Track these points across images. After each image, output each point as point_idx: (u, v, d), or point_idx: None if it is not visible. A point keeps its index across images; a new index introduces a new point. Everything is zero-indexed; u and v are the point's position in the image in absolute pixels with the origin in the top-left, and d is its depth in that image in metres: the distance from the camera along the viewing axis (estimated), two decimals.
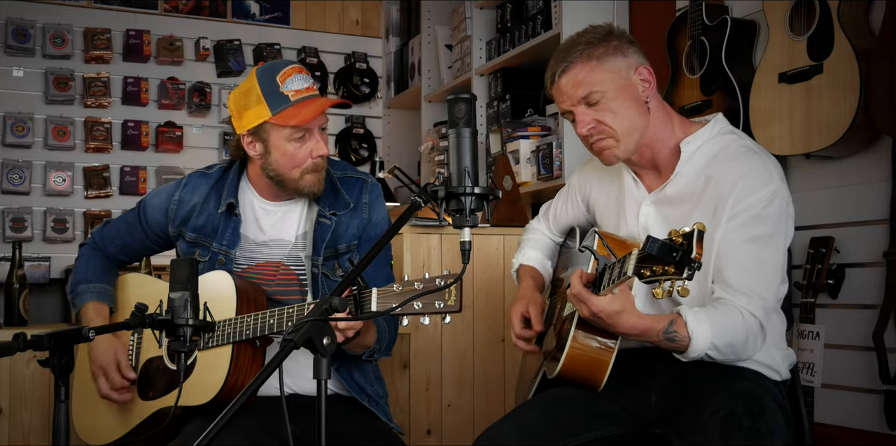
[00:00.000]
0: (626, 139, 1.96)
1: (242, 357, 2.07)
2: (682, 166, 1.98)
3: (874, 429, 2.48)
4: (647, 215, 2.03)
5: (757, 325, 1.85)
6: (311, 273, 2.21)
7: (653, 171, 2.05)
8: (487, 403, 3.09)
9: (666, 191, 2.01)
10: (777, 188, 1.90)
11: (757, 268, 1.88)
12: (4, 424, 2.79)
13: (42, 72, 4.39)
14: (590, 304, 1.79)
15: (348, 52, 5.06)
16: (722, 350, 1.83)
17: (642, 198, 2.05)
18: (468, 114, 1.59)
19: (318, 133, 2.15)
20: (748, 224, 1.88)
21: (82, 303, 2.30)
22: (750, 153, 1.96)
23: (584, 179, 2.27)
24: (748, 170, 1.91)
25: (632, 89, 1.96)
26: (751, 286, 1.86)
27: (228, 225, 2.25)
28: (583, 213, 2.29)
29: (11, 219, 4.26)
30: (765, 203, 1.88)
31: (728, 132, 2.02)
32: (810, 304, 2.55)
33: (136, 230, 2.36)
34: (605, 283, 1.78)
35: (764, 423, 1.79)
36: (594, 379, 1.93)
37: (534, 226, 2.44)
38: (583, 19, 3.45)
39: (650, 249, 1.53)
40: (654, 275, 1.57)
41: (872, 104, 2.35)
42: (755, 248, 1.88)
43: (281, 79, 2.12)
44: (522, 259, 2.36)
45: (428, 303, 1.79)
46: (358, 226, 2.26)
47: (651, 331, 1.81)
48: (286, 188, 2.19)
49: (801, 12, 2.54)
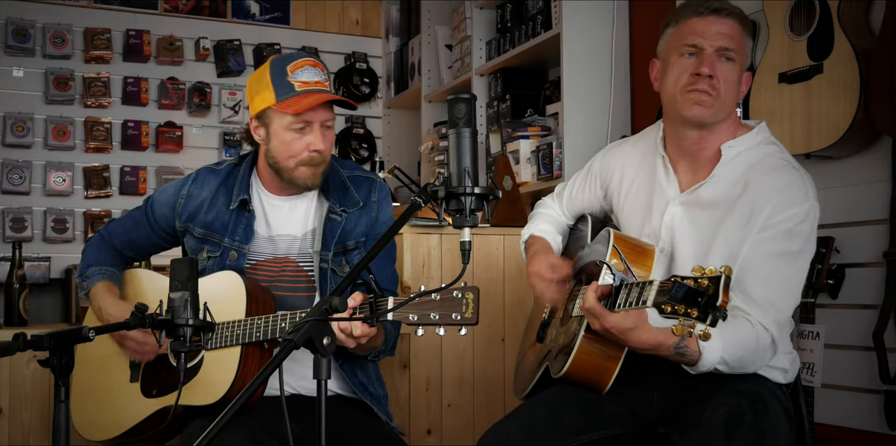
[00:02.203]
0: (722, 108, 1.95)
1: (250, 359, 2.07)
2: (720, 169, 1.96)
3: (874, 429, 2.48)
4: (675, 216, 2.00)
5: (769, 339, 1.85)
6: (319, 268, 2.22)
7: (690, 164, 2.02)
8: (487, 403, 3.09)
9: (699, 193, 1.98)
10: (812, 206, 1.90)
11: (780, 283, 1.87)
12: (4, 424, 2.79)
13: (42, 72, 4.39)
14: (603, 321, 1.77)
15: (348, 52, 5.06)
16: (731, 364, 1.83)
17: (673, 196, 2.02)
18: (468, 114, 1.59)
19: (319, 128, 2.16)
20: (779, 239, 1.87)
21: (92, 284, 2.30)
22: (790, 167, 1.95)
23: (607, 165, 2.21)
24: (786, 185, 1.90)
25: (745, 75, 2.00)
26: (770, 300, 1.85)
27: (241, 220, 2.25)
28: (599, 200, 2.24)
29: (11, 219, 4.26)
30: (799, 220, 1.87)
31: (770, 142, 2.01)
32: (810, 304, 2.55)
33: (143, 226, 2.37)
34: (620, 302, 1.74)
35: (767, 421, 1.79)
36: (599, 382, 1.93)
37: (547, 202, 2.38)
38: (583, 19, 3.45)
39: (675, 293, 1.51)
40: (675, 313, 1.53)
41: (872, 104, 2.35)
42: (781, 263, 1.87)
43: (291, 68, 2.15)
44: (534, 230, 2.30)
45: (444, 315, 1.79)
46: (366, 224, 2.28)
47: (662, 346, 1.80)
48: (283, 178, 2.21)
49: (801, 12, 2.54)
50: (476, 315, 1.78)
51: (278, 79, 2.15)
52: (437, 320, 1.79)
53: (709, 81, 1.92)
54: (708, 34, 1.93)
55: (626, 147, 2.19)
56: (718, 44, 1.93)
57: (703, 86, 1.92)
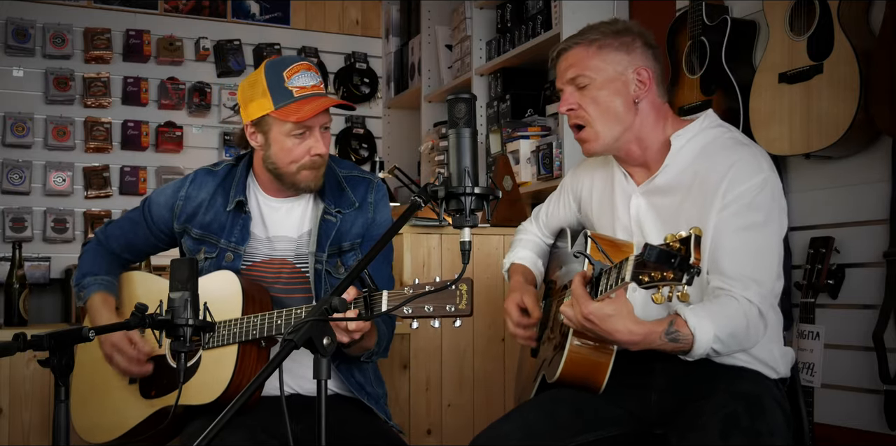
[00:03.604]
0: (603, 131, 2.00)
1: (248, 357, 2.07)
2: (672, 158, 2.00)
3: (874, 429, 2.48)
4: (639, 207, 2.04)
5: (755, 311, 1.84)
6: (314, 269, 2.22)
7: (642, 168, 2.07)
8: (487, 403, 3.09)
9: (655, 182, 2.02)
10: (767, 176, 1.91)
11: (752, 255, 1.88)
12: (4, 424, 2.79)
13: (42, 72, 4.40)
14: (583, 306, 1.76)
15: (348, 52, 5.06)
16: (726, 341, 1.82)
17: (632, 190, 2.06)
18: (468, 114, 1.59)
19: (318, 131, 2.16)
20: (741, 212, 1.88)
21: (89, 295, 2.30)
22: (738, 144, 1.98)
23: (576, 179, 2.29)
24: (737, 160, 1.92)
25: (622, 85, 2.00)
26: (746, 273, 1.86)
27: (237, 222, 2.25)
28: (574, 214, 2.30)
29: (11, 219, 4.26)
30: (756, 191, 1.89)
31: (716, 125, 2.04)
32: (810, 304, 2.55)
33: (140, 228, 2.36)
34: (602, 288, 1.76)
35: (764, 423, 1.79)
36: (594, 381, 1.93)
37: (525, 227, 2.45)
38: (583, 19, 3.43)
39: (648, 256, 1.53)
40: (652, 280, 1.56)
41: (872, 104, 2.35)
42: (749, 236, 1.88)
43: (287, 74, 2.14)
44: (514, 258, 2.36)
45: (439, 307, 1.79)
46: (362, 225, 2.27)
47: (652, 334, 1.79)
48: (284, 182, 2.21)
49: (801, 12, 2.54)
50: (470, 306, 1.78)
51: (275, 85, 2.13)
52: (432, 312, 1.79)
53: (575, 112, 2.02)
54: (559, 74, 2.05)
55: (590, 161, 2.25)
56: (565, 78, 2.03)
57: (573, 120, 2.03)
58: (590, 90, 1.99)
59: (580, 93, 2.01)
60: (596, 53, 2.00)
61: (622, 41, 2.00)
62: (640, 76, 2.00)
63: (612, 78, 1.99)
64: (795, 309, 2.64)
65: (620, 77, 1.99)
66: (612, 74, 1.99)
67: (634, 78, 2.00)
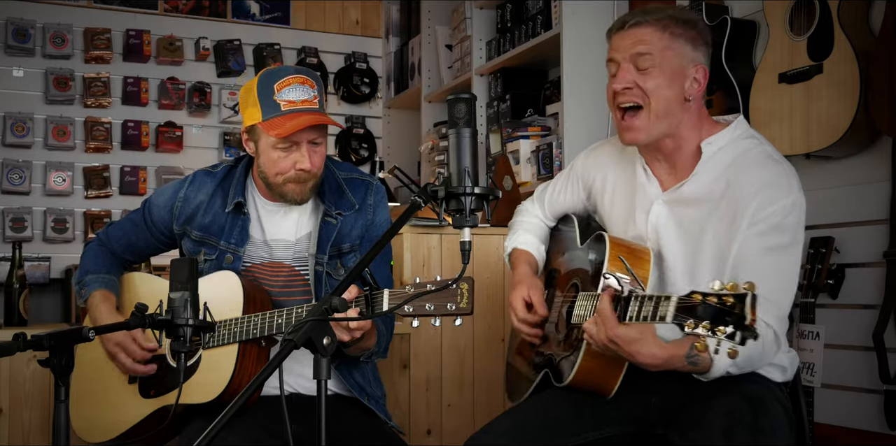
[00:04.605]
0: (655, 121, 1.91)
1: (248, 357, 2.08)
2: (702, 166, 1.95)
3: (874, 429, 2.48)
4: (659, 215, 1.99)
5: (772, 334, 1.84)
6: (314, 271, 2.22)
7: (668, 166, 2.01)
8: (487, 403, 3.09)
9: (682, 192, 1.97)
10: (796, 198, 1.89)
11: (775, 278, 1.86)
12: (4, 424, 2.79)
13: (42, 72, 4.39)
14: (609, 329, 1.73)
15: (348, 52, 5.06)
16: (741, 365, 1.82)
17: (655, 196, 2.01)
18: (468, 115, 1.59)
19: (306, 146, 2.14)
20: (768, 233, 1.86)
21: (90, 292, 2.30)
22: (770, 161, 1.93)
23: (589, 166, 2.21)
24: (769, 179, 1.88)
25: (681, 78, 1.92)
26: (767, 294, 1.83)
27: (236, 223, 2.25)
28: (581, 201, 2.24)
29: (11, 219, 4.25)
30: (786, 213, 1.87)
31: (749, 136, 1.99)
32: (810, 304, 2.55)
33: (141, 229, 2.37)
34: (632, 315, 1.71)
35: (766, 421, 1.79)
36: (605, 387, 1.92)
37: (526, 207, 2.38)
38: (583, 19, 3.45)
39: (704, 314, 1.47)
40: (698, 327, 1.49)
41: (872, 104, 2.35)
42: (774, 258, 1.86)
43: (279, 86, 2.13)
44: (516, 242, 2.30)
45: (440, 305, 1.79)
46: (362, 227, 2.27)
47: (674, 358, 1.77)
48: (273, 191, 2.21)
49: (801, 12, 2.54)
50: (471, 305, 1.78)
51: (265, 97, 2.13)
52: (433, 310, 1.79)
53: (632, 90, 1.91)
54: (622, 46, 1.93)
55: (607, 148, 2.17)
56: (631, 52, 1.90)
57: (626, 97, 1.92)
58: (651, 74, 1.90)
59: (640, 74, 1.91)
60: (670, 39, 1.90)
61: (692, 34, 1.93)
62: (697, 73, 1.94)
63: (676, 70, 1.91)
64: (795, 309, 2.64)
65: (683, 71, 1.92)
66: (677, 66, 1.91)
67: (693, 74, 1.93)
